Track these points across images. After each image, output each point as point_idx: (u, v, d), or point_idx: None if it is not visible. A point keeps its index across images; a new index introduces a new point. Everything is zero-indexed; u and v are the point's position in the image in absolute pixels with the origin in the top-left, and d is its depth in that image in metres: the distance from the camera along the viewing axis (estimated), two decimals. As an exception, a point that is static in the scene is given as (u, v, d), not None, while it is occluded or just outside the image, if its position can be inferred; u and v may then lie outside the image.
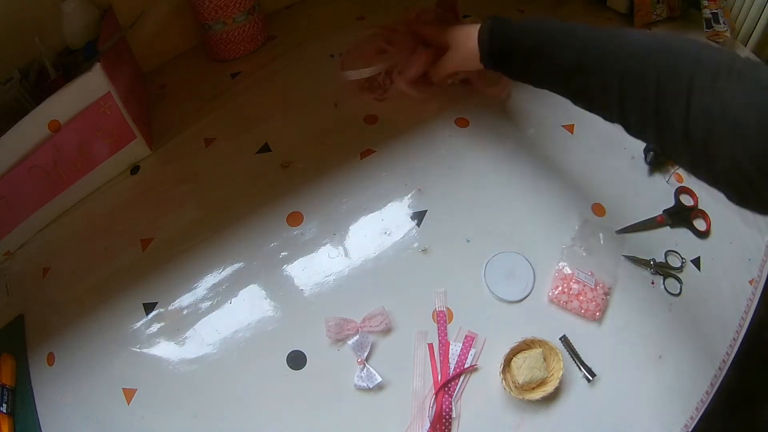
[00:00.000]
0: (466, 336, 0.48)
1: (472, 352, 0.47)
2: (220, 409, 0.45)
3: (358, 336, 0.47)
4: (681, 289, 0.54)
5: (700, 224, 0.59)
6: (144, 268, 0.54)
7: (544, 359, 0.46)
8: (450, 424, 0.44)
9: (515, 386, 0.46)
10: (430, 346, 0.48)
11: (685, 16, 0.94)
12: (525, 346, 0.48)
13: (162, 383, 0.47)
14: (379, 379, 0.45)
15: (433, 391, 0.45)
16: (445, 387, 0.46)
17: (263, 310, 0.50)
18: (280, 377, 0.46)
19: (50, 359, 0.50)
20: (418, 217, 0.56)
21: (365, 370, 0.46)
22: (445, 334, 0.48)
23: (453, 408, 0.45)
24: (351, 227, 0.55)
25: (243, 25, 0.74)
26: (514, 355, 0.47)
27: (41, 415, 0.47)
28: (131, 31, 0.67)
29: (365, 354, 0.47)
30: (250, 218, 0.56)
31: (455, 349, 0.48)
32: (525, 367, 0.45)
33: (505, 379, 0.46)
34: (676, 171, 0.63)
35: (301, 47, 0.78)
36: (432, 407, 0.45)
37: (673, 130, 0.38)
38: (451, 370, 0.46)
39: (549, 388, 0.45)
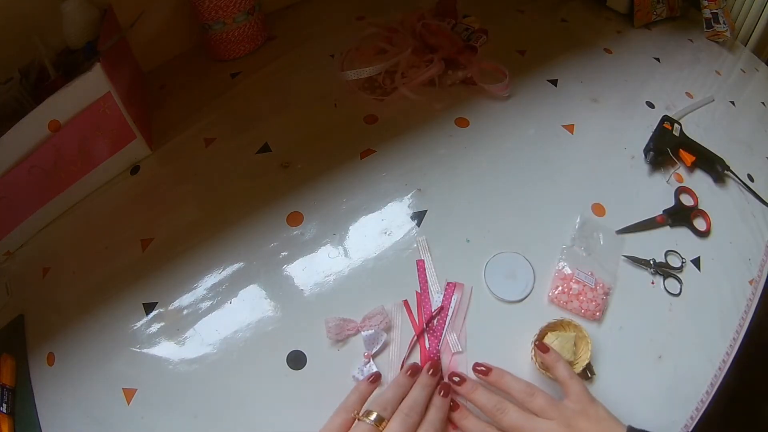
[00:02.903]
0: (447, 284, 0.48)
1: (455, 297, 0.47)
2: (220, 409, 0.45)
3: (372, 331, 0.47)
4: (681, 289, 0.54)
5: (700, 224, 0.59)
6: (144, 268, 0.54)
7: (575, 344, 0.47)
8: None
9: (541, 359, 0.46)
10: (406, 302, 0.48)
11: (685, 16, 0.94)
12: (561, 326, 0.48)
13: (162, 383, 0.47)
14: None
15: (414, 337, 0.45)
16: (429, 330, 0.45)
17: (263, 310, 0.50)
18: (280, 377, 0.46)
19: (50, 359, 0.50)
20: (418, 217, 0.56)
21: (368, 365, 0.46)
22: (426, 281, 0.49)
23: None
24: (351, 227, 0.55)
25: (243, 25, 0.74)
26: (549, 331, 0.47)
27: (41, 415, 0.47)
28: (131, 31, 0.67)
29: (375, 349, 0.46)
30: (250, 218, 0.56)
31: (437, 298, 0.48)
32: (556, 345, 0.46)
33: (534, 350, 0.46)
34: (676, 171, 0.63)
35: (301, 47, 0.78)
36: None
37: None
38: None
39: None
